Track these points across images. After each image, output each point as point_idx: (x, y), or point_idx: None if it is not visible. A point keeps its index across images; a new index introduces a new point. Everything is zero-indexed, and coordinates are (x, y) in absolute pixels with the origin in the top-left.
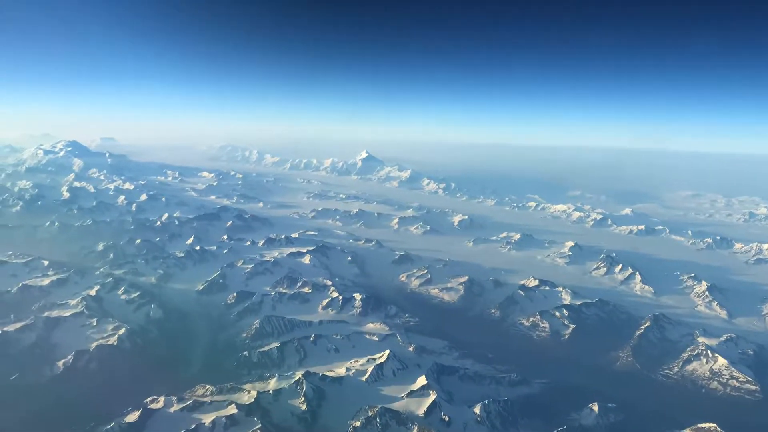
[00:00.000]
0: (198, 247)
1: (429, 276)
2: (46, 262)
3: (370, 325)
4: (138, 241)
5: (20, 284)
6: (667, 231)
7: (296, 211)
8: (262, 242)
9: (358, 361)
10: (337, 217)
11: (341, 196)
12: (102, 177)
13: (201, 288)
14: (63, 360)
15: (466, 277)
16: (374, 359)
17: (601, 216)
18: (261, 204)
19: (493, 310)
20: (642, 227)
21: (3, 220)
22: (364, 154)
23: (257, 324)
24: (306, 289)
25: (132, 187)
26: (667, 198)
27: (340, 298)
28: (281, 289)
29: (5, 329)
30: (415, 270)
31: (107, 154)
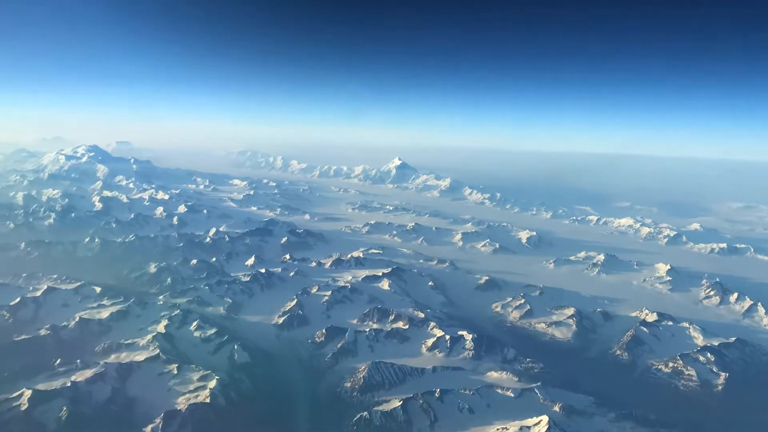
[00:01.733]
0: (263, 270)
1: (528, 307)
2: (97, 289)
3: (494, 375)
4: (194, 261)
5: (76, 317)
6: (752, 250)
7: (347, 225)
8: (328, 263)
9: (507, 430)
10: (394, 232)
11: (388, 207)
12: (131, 185)
13: (280, 321)
14: (151, 425)
15: (573, 309)
16: (528, 427)
17: (674, 232)
18: (307, 216)
19: (616, 351)
20: (723, 245)
21: (37, 234)
22: (397, 162)
23: (364, 372)
24: (401, 324)
25: (167, 197)
26: (718, 210)
27: (447, 338)
28: (372, 323)
29: (75, 379)
30: (509, 299)
31: (132, 160)
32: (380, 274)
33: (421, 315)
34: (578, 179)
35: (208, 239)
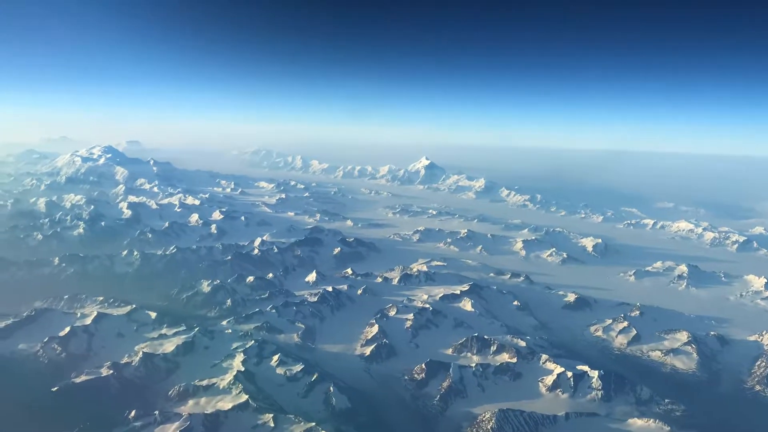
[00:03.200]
0: (330, 288)
1: (634, 330)
2: (152, 314)
3: (638, 422)
4: (250, 279)
5: (139, 352)
6: None
7: (395, 232)
8: (395, 278)
9: None
10: (448, 240)
11: (430, 211)
12: (155, 188)
13: (366, 352)
14: None
15: (687, 334)
16: None
17: (743, 237)
18: (349, 222)
19: (754, 385)
20: None
21: (68, 246)
22: (424, 161)
23: (491, 422)
24: (507, 357)
25: (197, 202)
26: (762, 210)
27: (570, 375)
28: (471, 355)
29: None
30: (608, 321)
31: (151, 162)
32: (458, 292)
33: (522, 343)
34: (600, 177)
35: (256, 251)
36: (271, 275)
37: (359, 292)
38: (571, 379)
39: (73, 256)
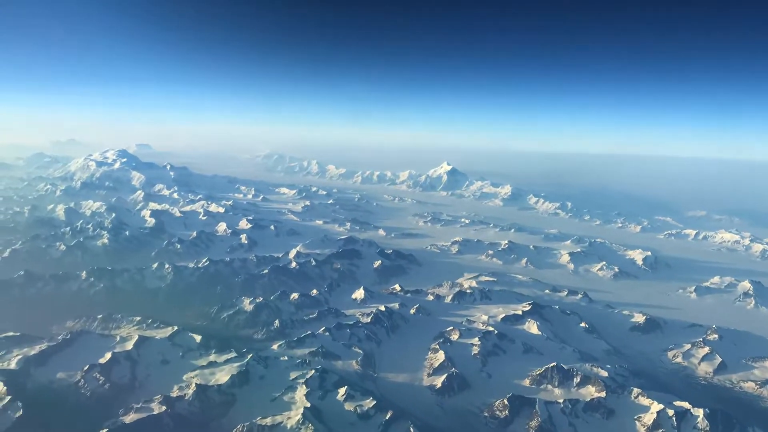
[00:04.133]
0: (383, 308)
1: (719, 358)
2: (197, 337)
3: None
4: (294, 296)
5: (191, 383)
6: None
7: (432, 242)
8: (448, 296)
9: None
10: (489, 252)
11: (463, 220)
12: (175, 195)
13: (437, 384)
14: None
15: None
16: None
17: None
18: (381, 232)
19: None
20: None
21: (92, 258)
22: (446, 167)
23: None
24: (594, 390)
25: (221, 209)
26: None
27: (671, 413)
28: (553, 387)
29: None
30: (687, 346)
31: (168, 166)
32: (520, 312)
33: (604, 373)
34: (621, 183)
35: (293, 264)
36: (315, 292)
37: (412, 311)
38: (673, 418)
39: (101, 270)
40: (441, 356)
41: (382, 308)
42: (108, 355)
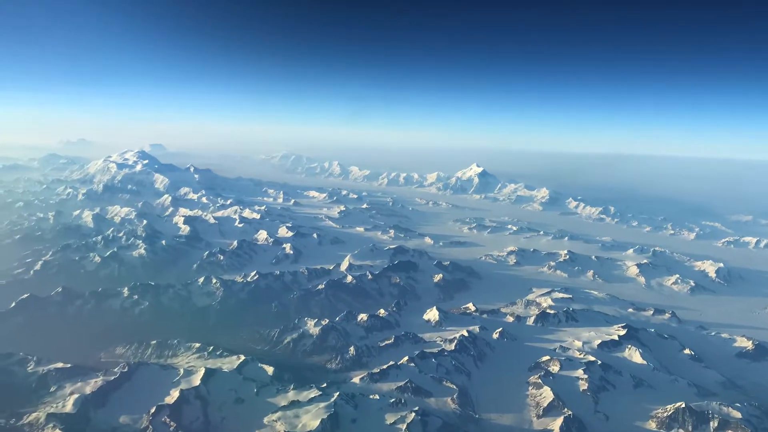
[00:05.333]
0: (465, 333)
1: None
2: (269, 369)
3: None
4: (362, 317)
5: (277, 428)
6: None
7: (485, 252)
8: (531, 318)
9: None
10: (551, 263)
11: (510, 227)
12: (204, 199)
13: (552, 427)
14: None
15: None
16: None
17: None
18: (428, 240)
19: None
20: None
21: (131, 271)
22: (476, 169)
23: None
24: None
25: (257, 215)
26: None
27: None
28: None
29: None
30: None
31: (192, 169)
32: (616, 337)
33: (737, 414)
34: (650, 184)
35: (348, 278)
36: (383, 312)
37: (495, 335)
38: None
39: (144, 286)
40: (548, 393)
41: (465, 333)
42: (175, 394)
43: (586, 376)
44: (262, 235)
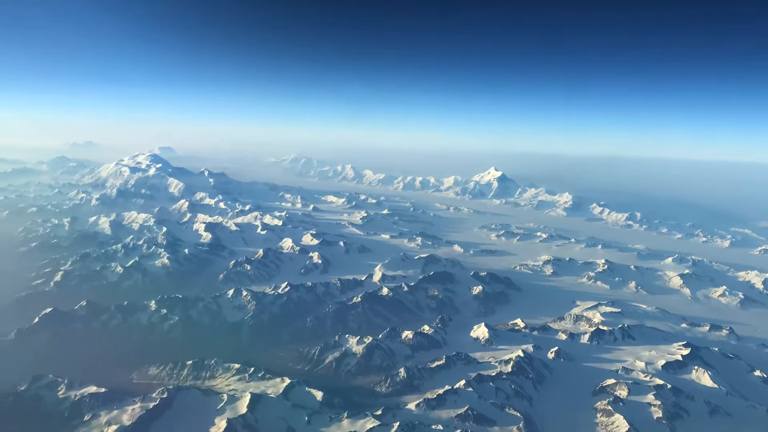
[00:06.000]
0: (521, 352)
1: None
2: (317, 394)
3: None
4: (407, 334)
5: None
6: None
7: (519, 262)
8: (586, 336)
9: None
10: (590, 273)
11: (539, 234)
12: (222, 205)
13: None
14: None
15: None
16: None
17: None
18: (457, 248)
19: None
20: None
21: (155, 282)
22: (495, 173)
23: None
24: None
25: (279, 222)
26: None
27: None
28: None
29: None
30: None
31: (206, 173)
32: (680, 357)
33: None
34: (665, 188)
35: (384, 290)
36: (428, 329)
37: (550, 355)
38: None
39: (172, 300)
40: (621, 422)
41: (520, 353)
42: (221, 423)
43: (658, 402)
44: (287, 244)
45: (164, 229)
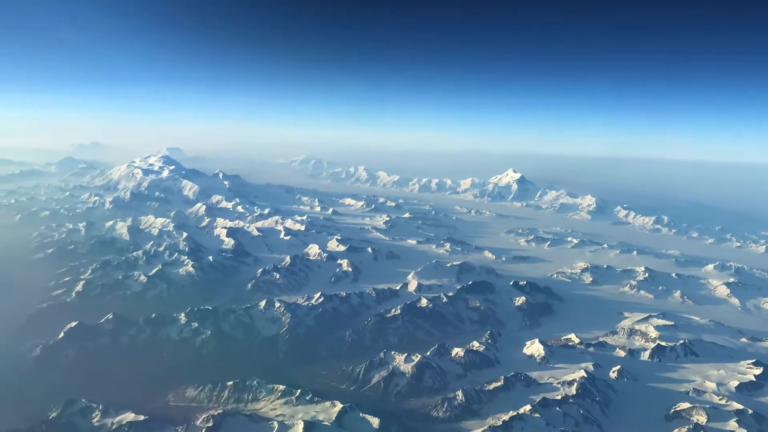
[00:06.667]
0: (583, 373)
1: None
2: (373, 420)
3: None
4: (457, 352)
5: None
6: None
7: (556, 269)
8: (646, 353)
9: None
10: (631, 282)
11: (570, 239)
12: (240, 208)
13: None
14: None
15: None
16: None
17: None
18: (488, 254)
19: None
20: None
21: (181, 292)
22: (513, 174)
23: None
24: None
25: (301, 227)
26: None
27: None
28: None
29: None
30: None
31: (220, 175)
32: (752, 378)
33: None
34: (682, 190)
35: (423, 301)
36: (477, 345)
37: (613, 374)
38: None
39: (203, 312)
40: None
41: (583, 374)
42: None
43: (743, 431)
44: (313, 250)
45: (185, 234)
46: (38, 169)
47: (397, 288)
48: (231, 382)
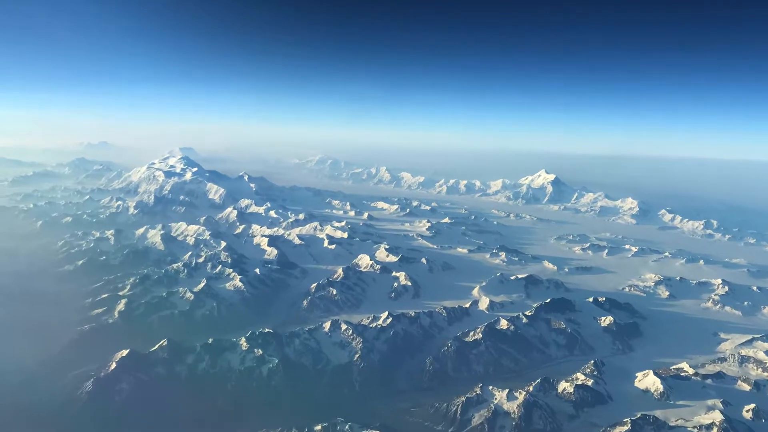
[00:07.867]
0: (720, 415)
1: None
2: None
3: None
4: (565, 387)
5: None
6: None
7: (627, 282)
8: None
9: None
10: (713, 297)
11: (627, 247)
12: (273, 213)
13: None
14: None
15: None
16: None
17: None
18: (548, 264)
19: None
20: None
21: (235, 312)
22: (547, 176)
23: None
24: None
25: (344, 234)
26: None
27: None
28: None
29: None
30: None
31: (246, 177)
32: None
33: None
34: (706, 189)
35: (503, 323)
36: (583, 378)
37: (747, 414)
38: None
39: (265, 336)
40: None
41: (719, 416)
42: None
43: None
44: (364, 261)
45: (223, 243)
46: (51, 170)
47: (467, 306)
48: (319, 426)
